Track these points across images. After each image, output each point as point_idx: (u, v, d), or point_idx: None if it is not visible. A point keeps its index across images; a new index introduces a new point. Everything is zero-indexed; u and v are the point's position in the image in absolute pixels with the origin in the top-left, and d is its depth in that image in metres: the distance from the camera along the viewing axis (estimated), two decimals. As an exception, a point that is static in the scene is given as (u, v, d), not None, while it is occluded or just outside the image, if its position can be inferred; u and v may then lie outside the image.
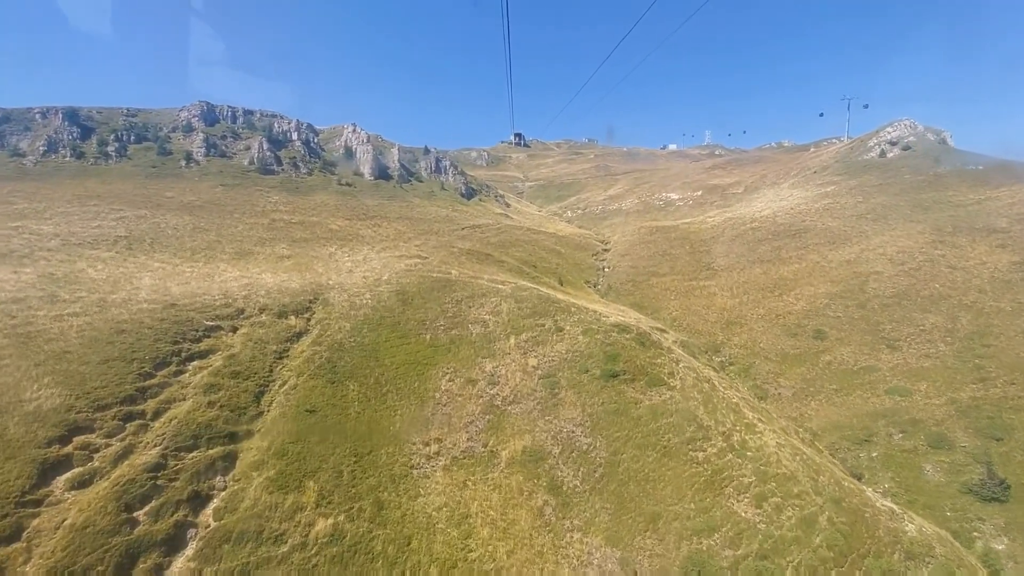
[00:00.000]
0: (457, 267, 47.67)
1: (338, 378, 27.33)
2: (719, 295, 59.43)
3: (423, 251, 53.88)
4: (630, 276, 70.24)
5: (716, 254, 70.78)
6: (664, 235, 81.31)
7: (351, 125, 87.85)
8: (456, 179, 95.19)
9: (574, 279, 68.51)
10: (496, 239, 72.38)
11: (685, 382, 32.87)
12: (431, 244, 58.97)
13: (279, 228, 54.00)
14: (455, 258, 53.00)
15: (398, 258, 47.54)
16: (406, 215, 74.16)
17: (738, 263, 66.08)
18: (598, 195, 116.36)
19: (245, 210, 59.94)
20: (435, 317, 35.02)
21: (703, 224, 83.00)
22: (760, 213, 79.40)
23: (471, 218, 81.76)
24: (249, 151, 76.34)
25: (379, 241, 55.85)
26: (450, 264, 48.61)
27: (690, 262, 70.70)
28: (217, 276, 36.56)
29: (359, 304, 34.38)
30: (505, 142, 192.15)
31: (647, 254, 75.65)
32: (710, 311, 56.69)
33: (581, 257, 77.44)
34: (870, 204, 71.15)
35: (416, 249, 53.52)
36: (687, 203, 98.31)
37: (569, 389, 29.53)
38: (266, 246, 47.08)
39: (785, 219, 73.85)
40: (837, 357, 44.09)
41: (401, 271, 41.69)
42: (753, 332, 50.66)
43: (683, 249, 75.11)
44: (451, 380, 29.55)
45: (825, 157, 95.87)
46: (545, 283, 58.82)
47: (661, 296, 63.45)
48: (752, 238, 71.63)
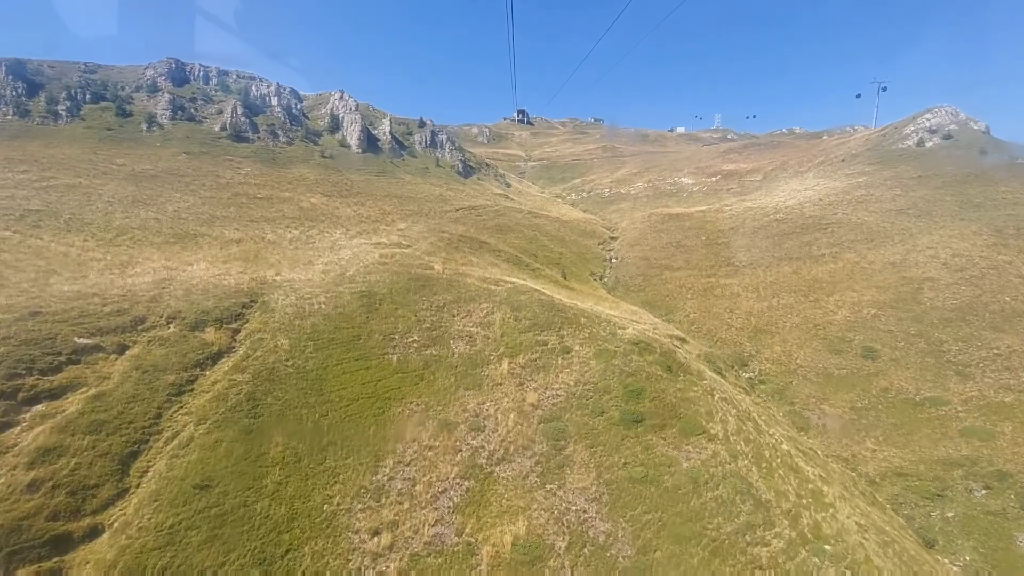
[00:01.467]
0: (444, 258, 39.01)
1: (259, 425, 19.01)
2: (743, 296, 51.04)
3: (407, 236, 45.12)
4: (640, 269, 61.70)
5: (736, 247, 62.15)
6: (677, 224, 72.47)
7: (338, 92, 77.81)
8: (453, 155, 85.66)
9: (579, 271, 59.97)
10: (493, 223, 63.53)
11: (727, 425, 24.74)
12: (418, 228, 50.15)
13: (239, 204, 45.06)
14: (444, 246, 44.30)
15: (374, 245, 38.81)
16: (394, 193, 65.07)
17: (763, 259, 57.53)
18: (604, 177, 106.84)
19: (206, 182, 50.85)
20: (408, 329, 26.54)
21: (720, 213, 74.09)
22: (784, 203, 70.43)
23: (467, 198, 72.66)
24: (221, 116, 66.67)
25: (357, 223, 47.00)
26: (437, 253, 39.98)
27: (707, 255, 62.11)
28: (133, 267, 27.90)
29: (309, 310, 25.83)
30: (508, 119, 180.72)
31: (659, 244, 66.95)
32: (734, 315, 48.38)
33: (586, 245, 68.72)
34: (910, 198, 62.23)
35: (398, 234, 44.74)
36: (701, 189, 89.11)
37: (579, 441, 21.38)
38: (216, 226, 38.27)
39: (814, 211, 64.98)
40: (894, 383, 36.00)
41: (373, 263, 33.03)
42: (787, 344, 42.46)
43: (699, 240, 66.41)
44: (421, 424, 21.26)
45: (853, 145, 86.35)
46: (546, 276, 50.29)
47: (676, 294, 55.06)
48: (777, 231, 62.90)
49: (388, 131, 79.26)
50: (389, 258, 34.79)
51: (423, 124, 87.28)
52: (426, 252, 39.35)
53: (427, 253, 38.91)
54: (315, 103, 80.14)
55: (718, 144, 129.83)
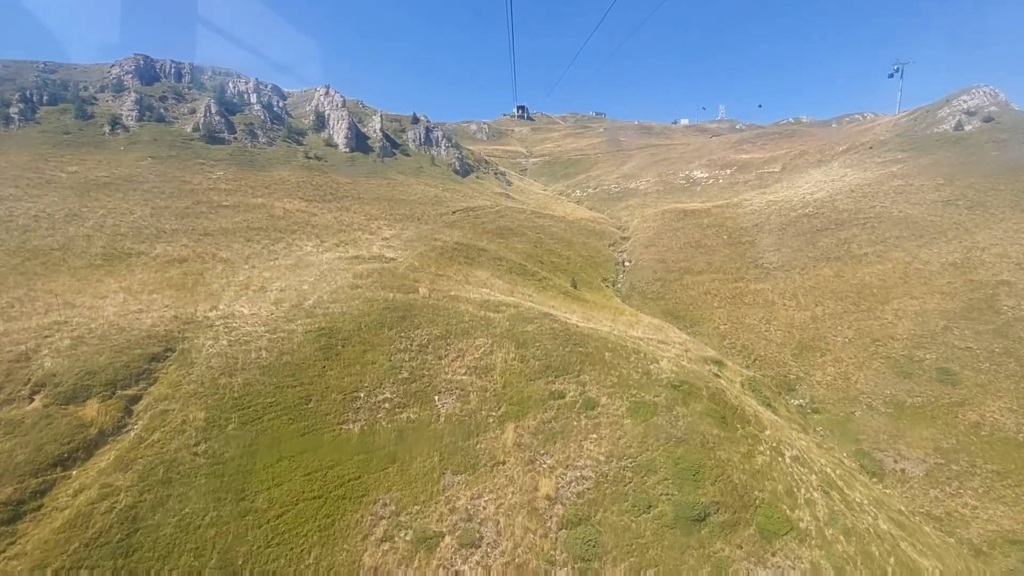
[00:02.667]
0: (435, 273, 31.96)
1: (130, 565, 12.13)
2: (780, 304, 43.78)
3: (393, 246, 38.06)
4: (657, 273, 54.46)
5: (764, 247, 54.79)
6: (694, 221, 65.08)
7: (324, 87, 70.58)
8: (449, 153, 78.40)
9: (589, 277, 52.81)
10: (494, 226, 56.40)
11: (814, 508, 17.65)
12: (407, 235, 43.07)
13: (198, 214, 38.06)
14: (436, 257, 37.25)
15: (350, 261, 31.76)
16: (384, 195, 57.99)
17: (796, 259, 50.17)
18: (610, 172, 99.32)
19: (167, 189, 43.88)
20: (378, 382, 19.53)
21: (740, 208, 66.62)
22: (812, 196, 62.89)
23: (465, 199, 65.49)
24: (194, 116, 59.63)
25: (336, 232, 39.95)
26: (426, 268, 32.96)
27: (731, 256, 54.79)
28: (22, 305, 20.99)
29: (243, 361, 18.84)
30: (507, 115, 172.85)
31: (676, 245, 59.64)
32: (772, 327, 41.18)
33: (596, 247, 61.49)
34: (957, 187, 54.56)
35: (382, 245, 37.66)
36: (716, 182, 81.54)
37: (620, 558, 14.42)
38: (160, 243, 31.29)
39: (847, 204, 57.45)
40: (986, 416, 28.83)
41: (343, 287, 25.99)
42: (842, 364, 35.31)
43: (720, 239, 59.06)
44: (386, 541, 14.31)
45: (879, 130, 78.53)
46: (555, 287, 43.17)
47: (700, 302, 47.83)
48: (808, 227, 55.47)
49: (379, 128, 72.05)
50: (365, 277, 27.71)
51: (417, 120, 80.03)
52: (413, 267, 32.24)
53: (413, 268, 31.81)
54: (299, 100, 72.95)
55: (728, 135, 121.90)
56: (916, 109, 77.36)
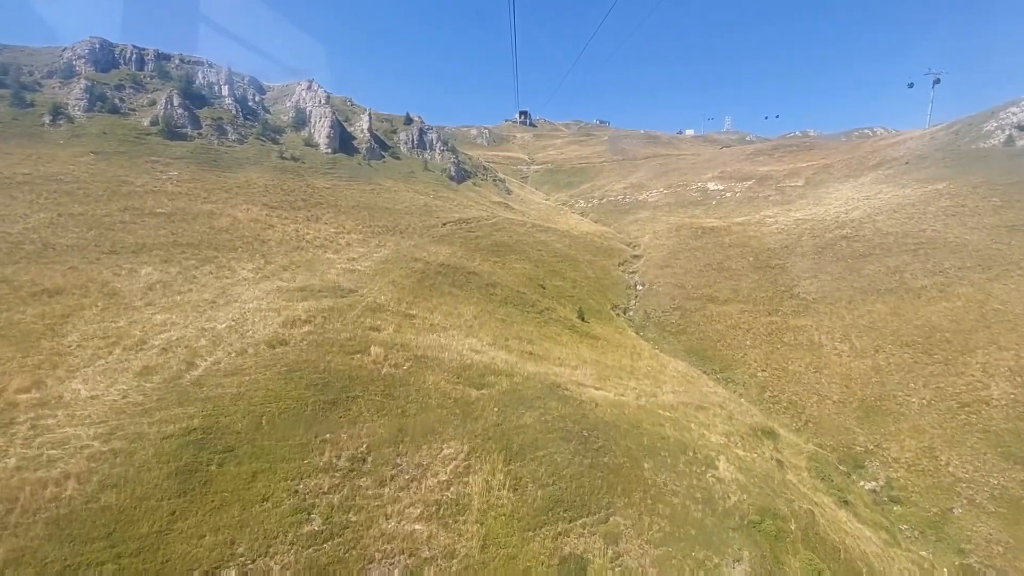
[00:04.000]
0: (404, 313, 23.73)
1: None
2: (830, 348, 35.63)
3: (357, 271, 29.77)
4: (676, 300, 46.26)
5: (798, 272, 46.65)
6: (713, 239, 56.97)
7: (306, 81, 62.40)
8: (444, 157, 70.24)
9: (598, 303, 44.55)
10: (489, 241, 48.17)
11: None
12: (382, 254, 34.81)
13: (113, 225, 29.68)
14: (412, 286, 29.05)
15: (291, 295, 23.46)
16: (365, 202, 49.77)
17: (840, 290, 42.02)
18: (616, 183, 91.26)
19: (97, 191, 35.58)
20: (264, 544, 11.29)
21: (765, 226, 58.55)
22: (847, 215, 54.84)
23: (458, 208, 57.31)
24: (154, 107, 51.42)
25: (291, 250, 31.64)
26: (392, 305, 24.77)
27: (761, 283, 46.65)
28: None
29: (27, 503, 10.63)
30: (509, 120, 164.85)
31: (696, 267, 51.49)
32: (824, 378, 33.03)
33: (604, 267, 53.29)
34: (1019, 211, 46.53)
35: (344, 269, 29.30)
36: (733, 196, 73.49)
37: None
38: (39, 263, 22.91)
39: (891, 225, 49.38)
40: None
41: (258, 344, 17.68)
42: (924, 436, 27.18)
43: (745, 261, 50.93)
44: None
45: (914, 144, 70.63)
46: (559, 320, 34.92)
47: (729, 339, 39.63)
48: (848, 251, 47.35)
49: (366, 128, 63.85)
50: (300, 324, 19.41)
51: (410, 121, 71.89)
52: (374, 305, 23.94)
53: (375, 307, 23.50)
54: (280, 94, 64.72)
55: (740, 146, 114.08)
56: (955, 122, 69.40)
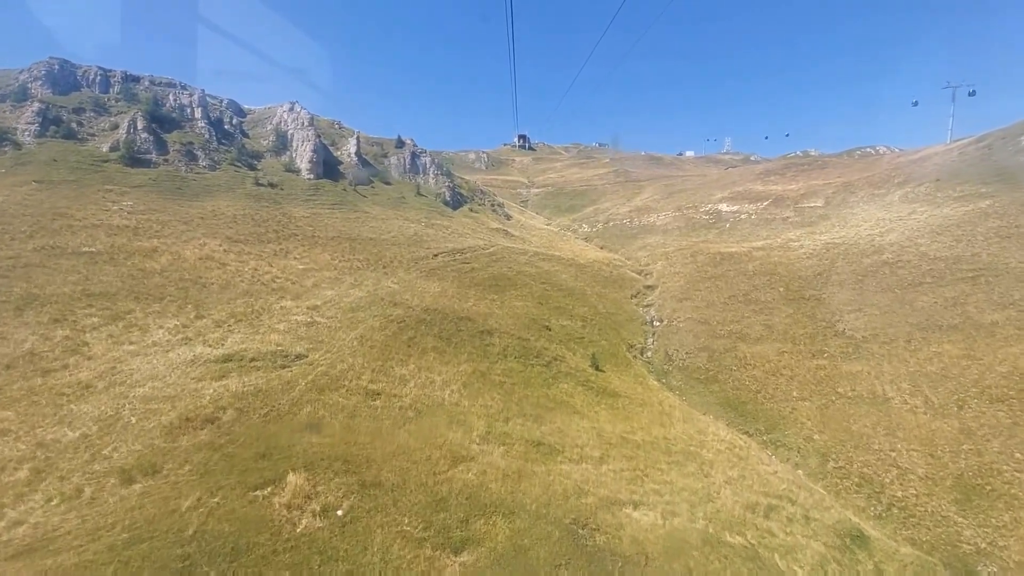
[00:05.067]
0: (364, 391, 17.44)
1: None
2: (898, 400, 29.02)
3: (315, 325, 23.52)
4: (700, 339, 39.80)
5: (838, 305, 40.27)
6: (735, 267, 50.80)
7: (288, 103, 57.37)
8: (439, 181, 64.76)
9: (612, 344, 38.07)
10: (486, 274, 42.00)
11: None
12: (354, 298, 28.59)
13: (10, 271, 23.64)
14: (381, 346, 22.79)
15: (209, 369, 17.09)
16: (347, 233, 43.83)
17: (893, 327, 35.57)
18: (621, 206, 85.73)
19: (19, 227, 29.69)
20: None
21: (790, 251, 52.44)
22: (882, 238, 48.76)
23: (453, 237, 51.41)
24: (115, 132, 46.08)
25: (236, 296, 25.42)
26: (349, 380, 18.45)
27: (797, 317, 40.24)
28: None
29: None
30: (508, 145, 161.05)
31: (719, 299, 45.16)
32: (900, 443, 26.34)
33: (616, 300, 46.97)
34: (1085, 229, 40.52)
35: (300, 320, 22.98)
36: (748, 218, 67.64)
37: None
38: None
39: (938, 249, 43.19)
40: None
41: (107, 475, 11.18)
42: (1058, 535, 20.60)
43: (775, 292, 44.62)
44: None
45: (940, 160, 65.07)
46: (570, 374, 28.38)
47: (771, 388, 33.01)
48: (894, 280, 41.07)
49: (354, 152, 58.50)
50: (199, 426, 12.94)
51: (402, 144, 66.66)
52: (325, 377, 17.54)
53: (322, 384, 17.10)
54: (260, 118, 59.59)
55: (746, 166, 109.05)
56: (985, 135, 63.94)
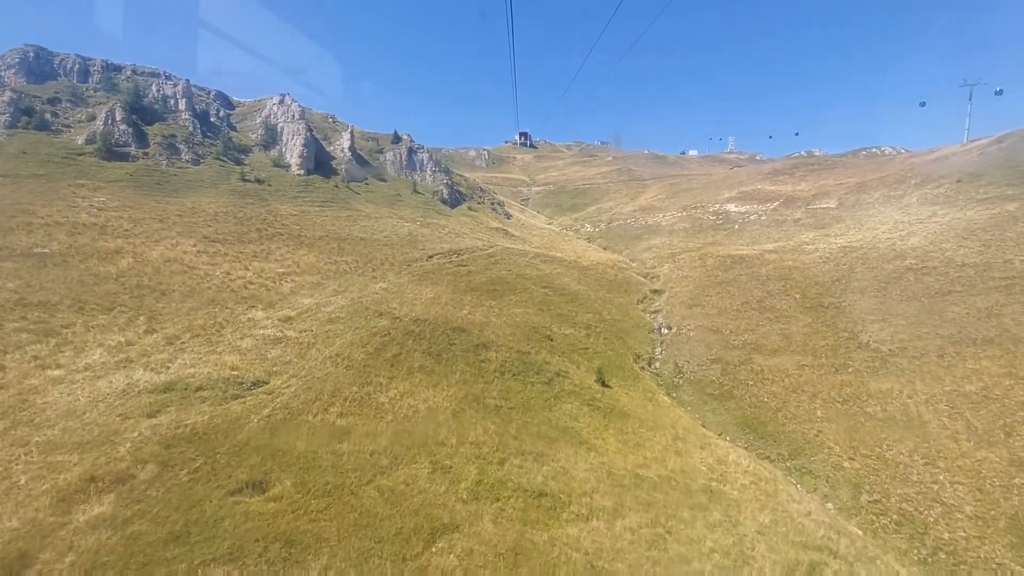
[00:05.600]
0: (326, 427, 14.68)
1: None
2: (935, 424, 26.17)
3: (287, 337, 20.72)
4: (712, 350, 36.96)
5: (860, 314, 37.41)
6: (747, 271, 47.93)
7: (278, 96, 54.42)
8: (436, 179, 61.86)
9: (618, 355, 35.23)
10: (484, 277, 39.14)
11: None
12: (336, 306, 25.80)
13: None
14: (364, 361, 20.00)
15: (141, 402, 14.32)
16: (337, 232, 40.98)
17: (920, 338, 32.73)
18: (624, 205, 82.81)
19: (-30, 223, 26.94)
20: None
21: (804, 254, 49.54)
22: (903, 242, 45.85)
23: (449, 237, 48.53)
24: (92, 124, 43.21)
25: (201, 306, 22.60)
26: (322, 405, 15.69)
27: (815, 327, 37.38)
28: None
29: None
30: (509, 142, 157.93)
31: (731, 305, 42.31)
32: (941, 473, 23.47)
33: (621, 305, 44.13)
34: (1125, 235, 37.62)
35: (267, 335, 20.15)
36: (757, 219, 64.73)
37: None
38: None
39: (965, 255, 40.29)
40: None
41: None
42: None
43: (791, 299, 41.75)
44: None
45: (959, 161, 62.11)
46: (575, 392, 25.53)
47: (791, 406, 30.18)
48: (920, 287, 38.21)
49: (347, 147, 55.58)
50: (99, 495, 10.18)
51: (398, 139, 63.70)
52: (283, 411, 14.71)
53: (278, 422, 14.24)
54: (250, 110, 56.63)
55: (755, 165, 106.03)
56: (1005, 135, 60.96)
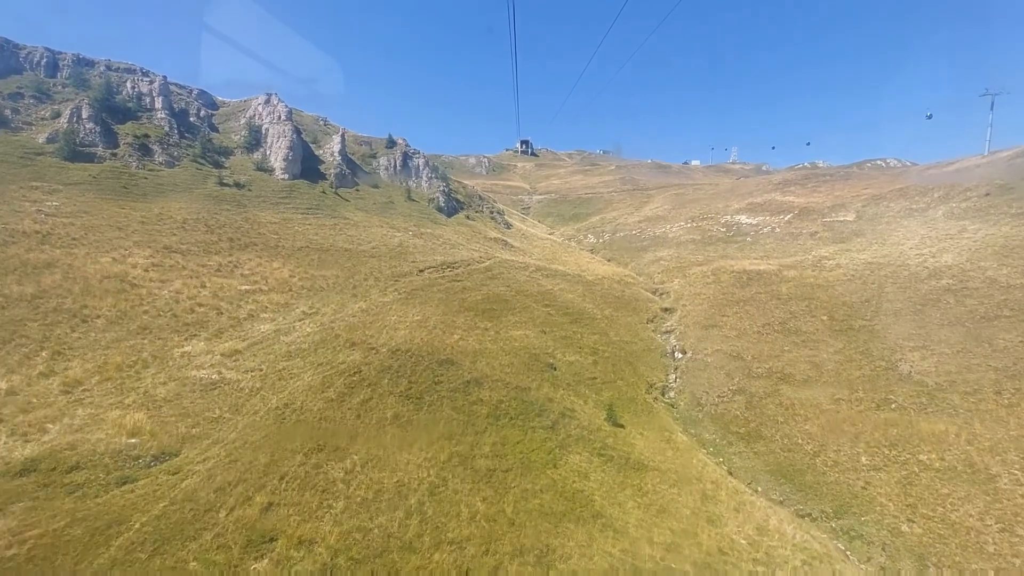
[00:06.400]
0: (242, 531, 10.75)
1: None
2: (1007, 481, 21.92)
3: (226, 380, 16.76)
4: (734, 379, 32.87)
5: (896, 340, 33.38)
6: (765, 288, 43.96)
7: (264, 95, 50.74)
8: (432, 185, 58.10)
9: (629, 384, 31.12)
10: (479, 295, 35.15)
11: None
12: (301, 334, 21.81)
13: None
14: (321, 412, 16.03)
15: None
16: (321, 242, 37.07)
17: (970, 369, 28.68)
18: (629, 215, 79.08)
19: None
20: None
21: (824, 271, 45.60)
22: (935, 259, 41.93)
23: (444, 248, 44.61)
24: (56, 121, 39.47)
25: (122, 339, 18.61)
26: (253, 485, 11.83)
27: (847, 353, 33.33)
28: None
29: None
30: (510, 150, 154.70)
31: (752, 327, 38.29)
32: (1022, 541, 19.73)
33: (629, 325, 40.11)
34: None
35: (200, 378, 16.15)
36: (771, 232, 60.93)
37: None
38: None
39: (1009, 275, 36.30)
40: None
41: None
42: None
43: (817, 321, 37.74)
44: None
45: (984, 172, 58.40)
46: (581, 436, 21.31)
47: (831, 449, 25.99)
48: (962, 311, 34.22)
49: (337, 151, 51.81)
50: None
51: (393, 144, 60.01)
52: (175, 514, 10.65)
53: (160, 536, 10.19)
54: (234, 110, 52.93)
55: (762, 175, 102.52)
56: (1035, 146, 57.37)
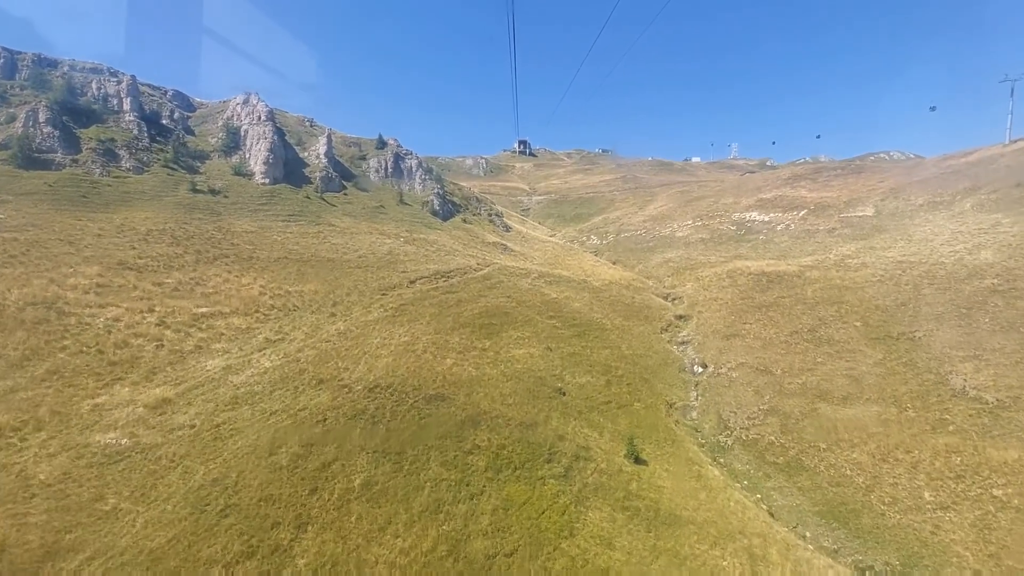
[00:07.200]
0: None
1: None
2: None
3: (143, 446, 13.16)
4: (765, 399, 29.11)
5: (942, 348, 29.62)
6: (789, 292, 40.21)
7: (242, 95, 47.01)
8: (426, 187, 54.41)
9: (648, 408, 27.31)
10: (477, 307, 31.41)
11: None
12: (255, 370, 18.13)
13: None
14: (259, 491, 12.40)
15: None
16: (299, 253, 33.35)
17: (1038, 386, 25.11)
18: (633, 214, 75.38)
19: None
20: None
21: (850, 271, 41.82)
22: (972, 257, 38.12)
23: (438, 255, 40.89)
24: (12, 125, 35.79)
25: (33, 382, 14.92)
26: None
27: (890, 366, 29.54)
28: None
29: None
30: (508, 151, 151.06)
31: (778, 336, 34.53)
32: None
33: (643, 336, 36.35)
34: None
35: (112, 443, 12.45)
36: (785, 229, 57.20)
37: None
38: None
39: (1061, 273, 32.70)
40: None
41: None
42: None
43: (850, 327, 33.94)
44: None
45: (1010, 162, 54.47)
46: (599, 483, 17.48)
47: (886, 483, 22.14)
48: (1014, 315, 30.38)
49: (323, 152, 48.13)
50: None
51: (383, 144, 56.31)
52: None
53: None
54: (211, 112, 49.23)
55: (768, 171, 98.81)
56: (1066, 133, 53.56)
